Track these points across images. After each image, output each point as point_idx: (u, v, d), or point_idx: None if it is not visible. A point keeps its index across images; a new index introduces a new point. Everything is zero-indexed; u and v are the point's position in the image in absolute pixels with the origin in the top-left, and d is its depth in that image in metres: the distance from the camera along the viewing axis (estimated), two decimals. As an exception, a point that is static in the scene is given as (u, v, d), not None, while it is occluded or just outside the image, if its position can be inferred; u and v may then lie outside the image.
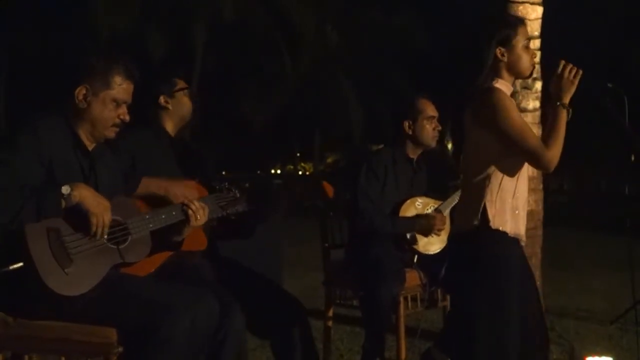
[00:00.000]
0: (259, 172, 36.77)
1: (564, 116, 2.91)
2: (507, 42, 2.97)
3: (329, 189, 3.87)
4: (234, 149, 26.44)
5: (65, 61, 3.12)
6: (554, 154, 2.88)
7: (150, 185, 3.21)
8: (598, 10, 22.53)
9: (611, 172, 21.51)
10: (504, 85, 2.98)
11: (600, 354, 4.10)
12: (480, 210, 2.93)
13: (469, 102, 2.99)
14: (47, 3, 21.59)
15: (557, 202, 18.71)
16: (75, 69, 2.88)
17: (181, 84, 3.63)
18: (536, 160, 2.90)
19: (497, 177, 2.94)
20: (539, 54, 4.87)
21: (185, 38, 22.59)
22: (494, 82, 2.96)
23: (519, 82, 4.16)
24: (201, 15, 22.51)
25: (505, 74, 3.00)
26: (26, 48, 22.22)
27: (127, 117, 2.91)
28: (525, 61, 3.00)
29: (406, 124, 4.33)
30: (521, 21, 3.08)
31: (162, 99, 3.55)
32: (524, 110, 4.71)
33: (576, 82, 2.90)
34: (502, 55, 2.97)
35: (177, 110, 3.58)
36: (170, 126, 3.59)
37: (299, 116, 26.52)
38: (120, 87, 2.88)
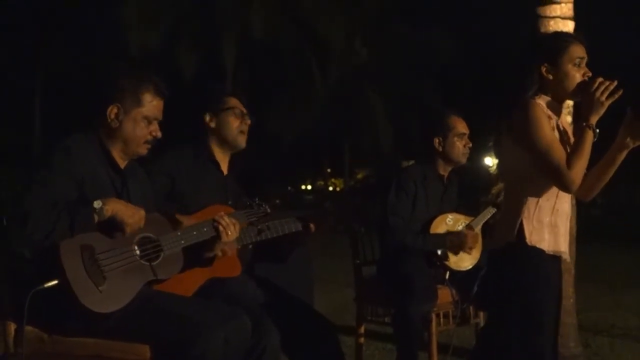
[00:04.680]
0: (289, 188, 36.81)
1: (589, 137, 2.83)
2: (553, 60, 2.91)
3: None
4: (265, 164, 26.53)
5: (96, 81, 3.16)
6: (576, 174, 2.81)
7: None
8: (631, 24, 22.32)
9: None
10: (545, 101, 2.94)
11: (636, 372, 4.04)
12: (517, 226, 2.91)
13: (509, 117, 2.97)
14: (78, 21, 21.91)
15: (590, 216, 18.49)
16: (106, 89, 2.93)
17: (231, 103, 3.52)
18: (558, 179, 2.85)
19: (534, 195, 2.92)
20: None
21: (215, 55, 22.75)
22: (535, 98, 2.93)
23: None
24: (231, 32, 22.67)
25: (550, 91, 2.95)
26: (59, 66, 22.56)
27: (159, 134, 2.95)
28: (572, 80, 2.91)
29: (436, 140, 4.33)
30: (573, 38, 3.01)
31: (207, 117, 3.49)
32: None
33: (607, 104, 2.82)
34: (547, 72, 2.92)
35: (221, 130, 3.49)
36: (215, 147, 3.52)
37: (329, 132, 26.55)
38: (151, 105, 2.92)
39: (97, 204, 2.62)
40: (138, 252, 2.77)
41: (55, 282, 2.55)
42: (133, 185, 2.98)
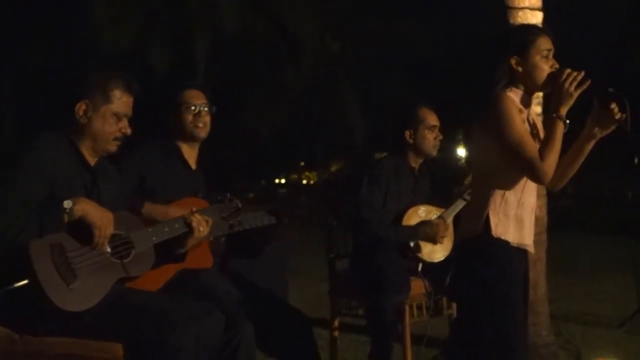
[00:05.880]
0: (262, 181, 36.76)
1: (560, 128, 2.85)
2: (522, 52, 2.93)
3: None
4: (239, 159, 26.51)
5: (65, 78, 3.15)
6: (549, 166, 2.84)
7: (153, 211, 3.21)
8: (598, 15, 22.55)
9: (614, 176, 21.49)
10: (516, 94, 2.95)
11: (606, 358, 4.09)
12: (484, 218, 2.93)
13: (479, 109, 2.99)
14: (49, 19, 21.66)
15: (561, 206, 18.69)
16: (75, 85, 2.91)
17: (183, 98, 3.53)
18: (531, 171, 2.87)
19: (501, 188, 2.94)
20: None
21: (188, 52, 22.64)
22: (506, 90, 2.95)
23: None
24: (203, 29, 22.58)
25: (520, 83, 2.97)
26: (29, 64, 22.30)
27: (129, 131, 2.94)
28: (541, 71, 2.92)
29: (407, 133, 4.35)
30: (541, 31, 3.03)
31: (169, 118, 3.53)
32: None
33: (576, 94, 2.84)
34: (517, 65, 2.94)
35: (179, 127, 3.52)
36: (181, 143, 3.54)
37: (303, 126, 26.55)
38: (120, 101, 2.90)
39: (67, 204, 2.61)
40: (109, 249, 2.76)
41: (25, 281, 2.53)
42: (103, 182, 2.96)
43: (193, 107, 3.52)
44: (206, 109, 3.56)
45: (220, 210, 3.29)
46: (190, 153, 3.57)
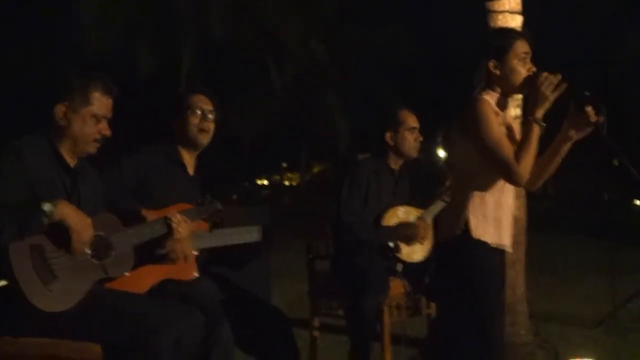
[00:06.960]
0: (246, 183, 36.69)
1: (535, 131, 2.88)
2: (500, 56, 2.97)
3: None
4: (222, 160, 26.45)
5: (46, 80, 3.15)
6: (525, 168, 2.87)
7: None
8: (578, 19, 22.72)
9: (592, 178, 21.66)
10: (492, 97, 2.99)
11: (584, 357, 4.14)
12: (463, 220, 2.96)
13: (458, 112, 3.02)
14: (32, 22, 21.52)
15: (540, 208, 18.81)
16: (54, 88, 2.91)
17: (191, 101, 3.51)
18: (507, 174, 2.91)
19: (479, 190, 2.98)
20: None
21: (173, 55, 22.57)
22: (483, 93, 2.98)
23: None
24: (189, 33, 22.53)
25: (497, 86, 3.00)
26: (11, 67, 22.13)
27: (108, 132, 2.94)
28: (518, 75, 2.96)
29: (388, 134, 4.37)
30: (519, 35, 3.08)
31: (172, 121, 3.52)
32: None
33: (552, 97, 2.87)
34: (495, 68, 2.98)
35: (182, 130, 3.50)
36: (180, 148, 3.53)
37: (286, 127, 26.55)
38: (100, 103, 2.91)
39: (47, 207, 2.61)
40: (89, 251, 2.76)
41: (4, 282, 2.53)
42: (83, 184, 2.97)
43: (199, 112, 3.49)
44: (212, 116, 3.53)
45: (200, 212, 3.29)
46: (189, 159, 3.56)
